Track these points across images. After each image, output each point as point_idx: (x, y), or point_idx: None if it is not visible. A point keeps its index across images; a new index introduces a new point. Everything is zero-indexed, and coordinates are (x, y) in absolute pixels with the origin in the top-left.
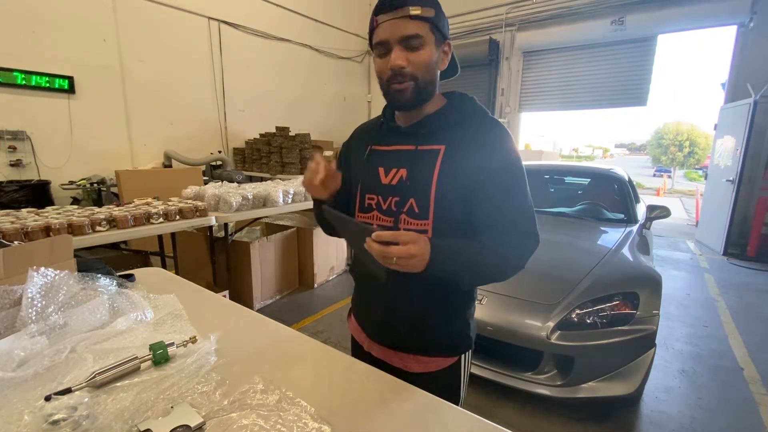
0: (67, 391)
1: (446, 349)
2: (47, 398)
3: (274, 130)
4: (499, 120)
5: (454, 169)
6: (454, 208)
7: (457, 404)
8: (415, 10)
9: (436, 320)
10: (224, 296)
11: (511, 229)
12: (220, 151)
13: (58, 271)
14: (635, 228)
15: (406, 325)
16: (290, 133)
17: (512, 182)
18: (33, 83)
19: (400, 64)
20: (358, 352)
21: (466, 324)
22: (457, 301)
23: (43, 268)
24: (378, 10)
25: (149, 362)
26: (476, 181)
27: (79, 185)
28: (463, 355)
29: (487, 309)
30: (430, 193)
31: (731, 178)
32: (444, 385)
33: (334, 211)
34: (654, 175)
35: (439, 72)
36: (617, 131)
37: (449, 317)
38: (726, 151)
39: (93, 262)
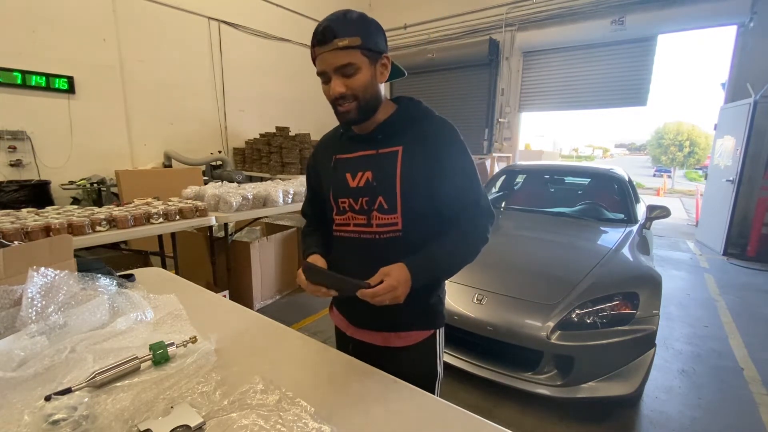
0: (67, 391)
1: (422, 323)
2: (47, 398)
3: (274, 130)
4: (500, 120)
5: (414, 166)
6: (419, 199)
7: (436, 377)
8: (341, 42)
9: (411, 299)
10: (224, 296)
11: (473, 212)
12: (220, 151)
13: (58, 271)
14: (635, 228)
15: (386, 306)
16: (290, 133)
17: (466, 171)
18: (33, 83)
19: (339, 92)
20: (341, 341)
21: (438, 301)
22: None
23: (43, 268)
24: (313, 44)
25: (149, 362)
26: (435, 173)
27: (79, 185)
28: (437, 331)
29: (487, 309)
30: (396, 189)
31: (731, 178)
32: (423, 356)
33: (327, 271)
34: (654, 175)
35: (380, 85)
36: (617, 131)
37: (423, 296)
38: (726, 151)
39: (93, 262)
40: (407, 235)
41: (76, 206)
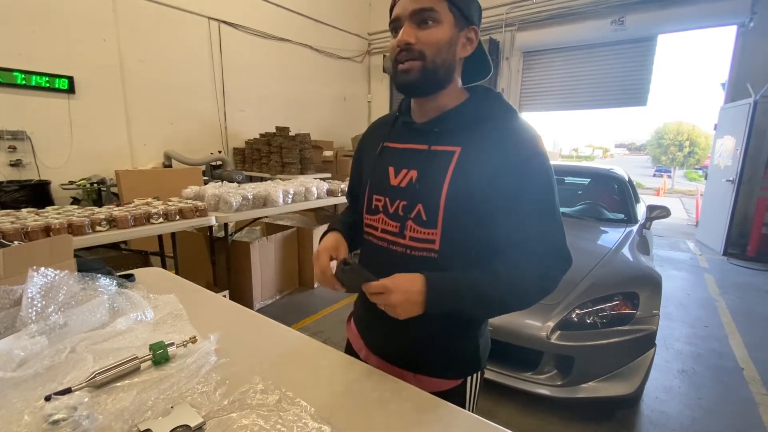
0: (67, 391)
1: (448, 370)
2: (47, 398)
3: (274, 130)
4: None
5: (468, 175)
6: (467, 218)
7: None
8: None
9: (440, 338)
10: (224, 296)
11: (533, 248)
12: (220, 151)
13: (58, 271)
14: (635, 228)
15: (408, 340)
16: (290, 133)
17: (538, 196)
18: (33, 83)
19: (405, 39)
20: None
21: (474, 344)
22: (465, 320)
23: (43, 268)
24: None
25: (149, 362)
26: (497, 193)
27: (79, 185)
28: (469, 378)
29: None
30: (440, 200)
31: (731, 178)
32: None
33: (351, 266)
34: (654, 175)
35: (458, 58)
36: (617, 131)
37: (454, 336)
38: (726, 151)
39: (93, 262)
40: (444, 260)
41: (76, 206)
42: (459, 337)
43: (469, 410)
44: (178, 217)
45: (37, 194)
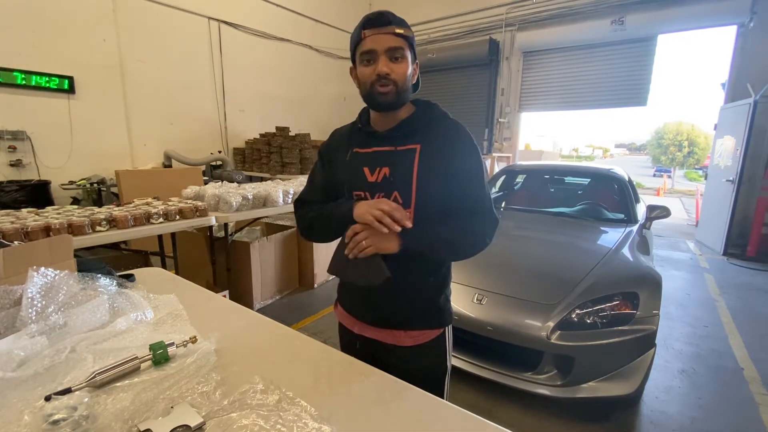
0: (67, 391)
1: (432, 322)
2: (47, 398)
3: (274, 130)
4: (500, 120)
5: (430, 164)
6: (432, 197)
7: (446, 372)
8: (399, 29)
9: (420, 298)
10: (224, 296)
11: (474, 212)
12: (220, 151)
13: (58, 271)
14: (635, 228)
15: (395, 304)
16: (290, 133)
17: (472, 172)
18: (33, 83)
19: (386, 71)
20: (346, 337)
21: (446, 300)
22: (439, 280)
23: (43, 268)
24: (365, 25)
25: (149, 362)
26: (447, 173)
27: (79, 185)
28: (446, 328)
29: (487, 309)
30: (412, 186)
31: (731, 178)
32: (434, 355)
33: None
34: (654, 175)
35: (411, 84)
36: (617, 131)
37: (431, 294)
38: (726, 151)
39: (93, 262)
40: None
41: (76, 206)
42: (435, 295)
43: (448, 353)
44: (178, 217)
45: (37, 194)
